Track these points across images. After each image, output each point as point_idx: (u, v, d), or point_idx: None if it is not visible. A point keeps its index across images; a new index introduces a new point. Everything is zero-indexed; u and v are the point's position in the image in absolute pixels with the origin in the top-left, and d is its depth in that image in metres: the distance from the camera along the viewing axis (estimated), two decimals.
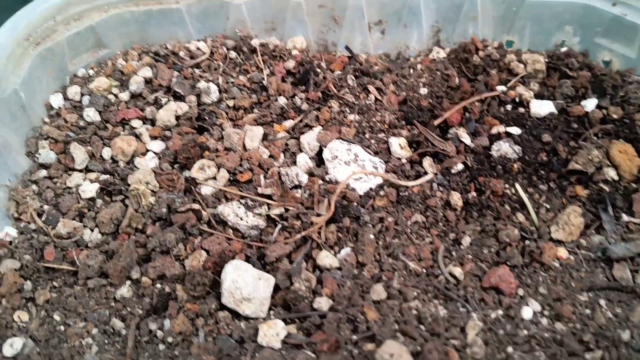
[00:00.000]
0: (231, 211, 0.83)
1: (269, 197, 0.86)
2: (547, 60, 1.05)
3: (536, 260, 0.82)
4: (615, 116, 0.95)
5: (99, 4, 0.98)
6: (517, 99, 1.00)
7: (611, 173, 0.89)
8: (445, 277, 0.80)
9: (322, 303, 0.74)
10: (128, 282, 0.79)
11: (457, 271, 0.80)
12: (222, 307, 0.76)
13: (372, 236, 0.82)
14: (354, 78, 1.02)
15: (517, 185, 0.87)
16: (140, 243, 0.82)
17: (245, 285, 0.74)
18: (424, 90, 1.01)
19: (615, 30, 1.03)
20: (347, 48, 1.05)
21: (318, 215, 0.84)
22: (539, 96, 1.00)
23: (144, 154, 0.93)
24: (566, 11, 1.04)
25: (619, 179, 0.89)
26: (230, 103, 0.99)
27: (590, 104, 0.97)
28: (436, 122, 0.97)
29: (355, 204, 0.86)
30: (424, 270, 0.81)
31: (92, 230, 0.84)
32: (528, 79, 1.03)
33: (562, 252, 0.83)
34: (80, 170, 0.90)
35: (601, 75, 1.02)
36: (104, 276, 0.79)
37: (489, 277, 0.79)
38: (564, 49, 1.07)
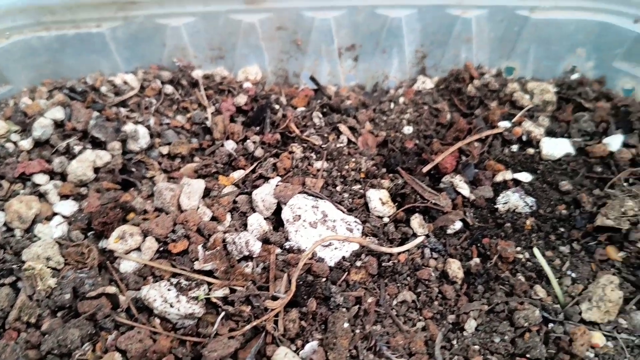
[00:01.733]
0: (158, 295, 0.64)
1: (209, 273, 0.67)
2: (556, 90, 0.88)
3: (564, 351, 0.64)
4: None
5: None
6: (524, 138, 0.83)
7: None
8: None
9: None
10: None
11: None
12: None
13: (346, 324, 0.62)
14: (321, 116, 0.84)
15: (535, 249, 0.68)
16: (31, 344, 0.61)
17: None
18: (408, 129, 0.84)
19: (639, 53, 0.86)
20: (312, 79, 0.88)
21: (274, 298, 0.64)
22: (550, 133, 0.84)
23: (48, 219, 0.74)
24: (578, 31, 0.89)
25: None
26: (164, 150, 0.81)
27: (615, 142, 0.81)
28: (425, 169, 0.79)
29: (323, 279, 0.68)
30: None
31: None
32: (535, 112, 0.86)
33: (598, 339, 0.65)
34: None
35: (623, 107, 0.85)
36: None
37: None
38: (574, 76, 0.92)
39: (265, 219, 0.74)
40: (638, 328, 0.66)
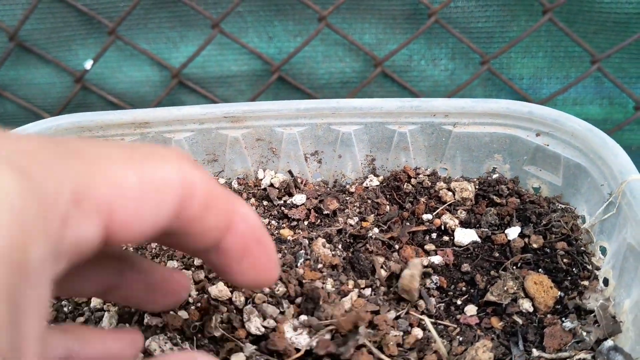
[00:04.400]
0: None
1: None
2: (477, 187, 1.09)
3: None
4: (535, 245, 0.98)
5: None
6: (442, 227, 1.03)
7: (526, 305, 0.90)
8: None
9: None
10: None
11: None
12: None
13: None
14: None
15: (426, 318, 0.89)
16: None
17: None
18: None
19: (541, 159, 1.08)
20: (289, 172, 1.12)
21: None
22: (465, 224, 1.04)
23: None
24: (493, 141, 1.09)
25: (534, 311, 0.90)
26: None
27: (513, 233, 1.01)
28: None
29: None
30: None
31: None
32: (456, 206, 1.07)
33: None
34: None
35: (529, 202, 1.05)
36: None
37: None
38: (495, 176, 1.12)
39: None
40: None
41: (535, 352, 0.86)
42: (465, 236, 1.01)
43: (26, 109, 1.82)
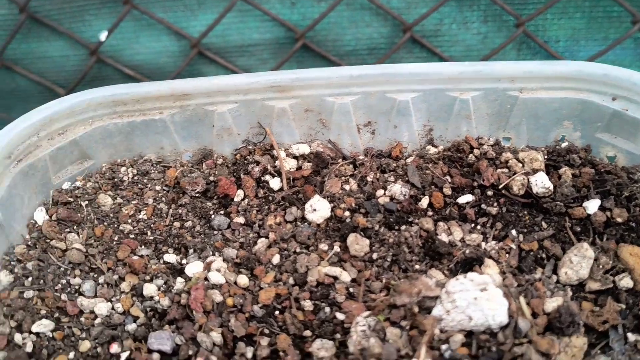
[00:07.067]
0: None
1: None
2: (546, 157, 1.00)
3: None
4: (619, 219, 0.89)
5: (83, 117, 0.98)
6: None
7: (624, 281, 0.82)
8: None
9: None
10: None
11: None
12: None
13: None
14: None
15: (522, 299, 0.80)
16: None
17: None
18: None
19: (618, 126, 0.99)
20: (330, 142, 1.03)
21: None
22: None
23: None
24: (563, 107, 1.01)
25: (634, 287, 0.82)
26: None
27: (592, 206, 0.92)
28: None
29: None
30: None
31: None
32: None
33: None
34: None
35: (605, 173, 0.97)
36: None
37: None
38: (564, 144, 1.03)
39: None
40: None
41: (632, 336, 0.78)
42: None
43: (39, 83, 1.70)
